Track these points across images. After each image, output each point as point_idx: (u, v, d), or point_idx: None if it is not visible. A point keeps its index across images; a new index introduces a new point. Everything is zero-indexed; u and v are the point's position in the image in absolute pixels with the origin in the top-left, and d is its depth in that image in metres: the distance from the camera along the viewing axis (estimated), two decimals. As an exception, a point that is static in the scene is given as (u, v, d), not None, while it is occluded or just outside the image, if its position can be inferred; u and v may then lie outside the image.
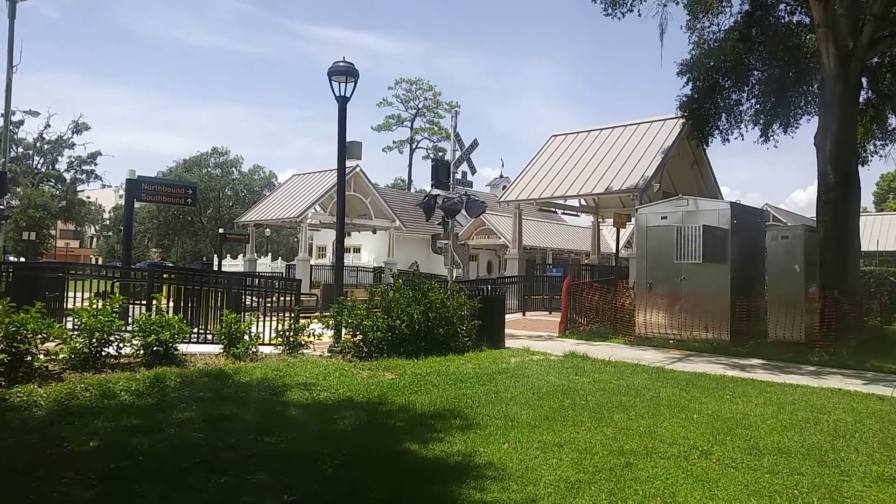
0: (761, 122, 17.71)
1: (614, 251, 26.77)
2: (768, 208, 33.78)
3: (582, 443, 5.48)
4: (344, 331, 10.52)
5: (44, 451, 4.88)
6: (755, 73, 17.39)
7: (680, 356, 11.35)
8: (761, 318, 12.57)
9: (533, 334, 14.54)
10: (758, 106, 17.66)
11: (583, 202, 26.21)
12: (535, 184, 23.20)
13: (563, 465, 4.91)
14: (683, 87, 17.63)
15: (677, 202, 13.76)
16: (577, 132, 24.94)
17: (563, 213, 32.15)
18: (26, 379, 6.80)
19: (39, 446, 4.99)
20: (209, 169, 64.95)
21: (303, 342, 10.07)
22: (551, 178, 22.99)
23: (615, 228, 25.72)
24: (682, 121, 19.88)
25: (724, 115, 17.83)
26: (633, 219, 20.87)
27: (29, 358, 7.06)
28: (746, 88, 17.58)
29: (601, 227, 29.21)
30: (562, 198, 22.90)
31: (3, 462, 4.63)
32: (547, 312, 21.15)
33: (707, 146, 20.15)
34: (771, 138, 17.79)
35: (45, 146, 61.28)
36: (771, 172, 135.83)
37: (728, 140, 18.12)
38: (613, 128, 23.82)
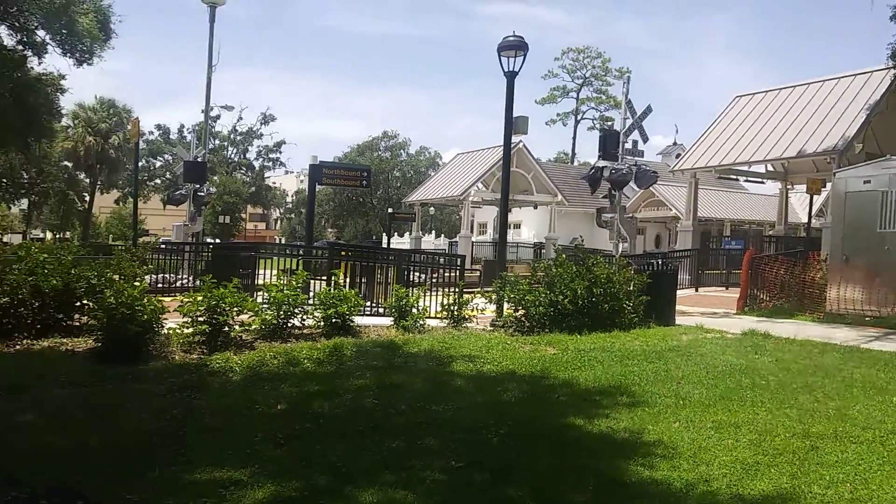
0: None
1: (805, 221, 24.48)
2: None
3: (761, 424, 5.11)
4: (506, 305, 10.61)
5: (239, 412, 5.43)
6: None
7: (878, 334, 10.18)
8: (985, 292, 10.93)
9: (707, 311, 13.74)
10: None
11: (769, 168, 24.08)
12: (715, 149, 21.76)
13: (739, 445, 4.61)
14: None
15: (885, 164, 12.18)
16: (765, 91, 22.96)
17: (744, 181, 29.72)
18: (223, 347, 7.57)
19: (235, 407, 5.56)
20: (379, 152, 68.05)
21: (466, 316, 10.30)
22: (734, 142, 21.42)
23: (806, 196, 23.48)
24: (892, 72, 17.56)
25: (945, 62, 15.50)
26: (828, 184, 18.89)
27: (226, 328, 7.84)
28: (974, 30, 15.14)
29: (790, 195, 26.78)
30: (745, 163, 21.22)
31: (206, 421, 5.21)
32: (724, 288, 19.88)
33: (922, 99, 17.64)
34: None
35: (238, 137, 67.69)
36: None
37: (949, 92, 15.78)
38: (808, 84, 21.52)
